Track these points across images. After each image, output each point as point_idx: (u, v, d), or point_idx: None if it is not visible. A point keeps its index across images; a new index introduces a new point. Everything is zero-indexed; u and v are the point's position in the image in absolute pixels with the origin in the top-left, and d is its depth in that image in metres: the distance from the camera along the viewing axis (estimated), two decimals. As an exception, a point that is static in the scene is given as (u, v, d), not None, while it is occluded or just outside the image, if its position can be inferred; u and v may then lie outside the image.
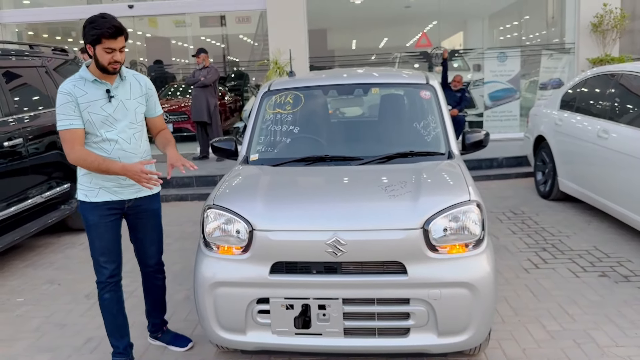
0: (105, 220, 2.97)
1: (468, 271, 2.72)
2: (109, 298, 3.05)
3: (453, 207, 2.77)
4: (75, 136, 2.81)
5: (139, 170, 2.78)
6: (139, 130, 3.00)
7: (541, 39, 12.59)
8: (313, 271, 2.76)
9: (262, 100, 3.90)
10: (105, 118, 2.86)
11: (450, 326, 2.73)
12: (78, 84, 2.85)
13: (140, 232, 3.15)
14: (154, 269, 3.29)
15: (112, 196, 2.96)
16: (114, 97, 2.89)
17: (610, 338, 3.30)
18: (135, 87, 2.99)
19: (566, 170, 6.01)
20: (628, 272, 4.27)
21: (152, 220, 3.16)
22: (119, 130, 2.90)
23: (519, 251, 4.86)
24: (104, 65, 2.80)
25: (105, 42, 2.74)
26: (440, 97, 3.76)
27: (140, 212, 3.09)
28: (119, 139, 2.90)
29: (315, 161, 3.45)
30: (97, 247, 2.99)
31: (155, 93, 3.14)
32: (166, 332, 3.45)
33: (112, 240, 3.00)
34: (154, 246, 3.22)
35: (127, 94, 2.95)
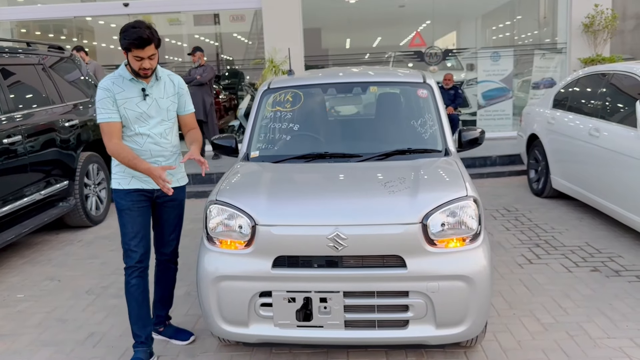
0: (137, 206, 3.14)
1: (465, 264, 2.80)
2: (136, 284, 3.15)
3: (451, 202, 2.85)
4: (113, 129, 3.02)
5: (158, 176, 2.97)
6: (170, 126, 3.18)
7: (533, 38, 12.72)
8: (314, 265, 2.83)
9: (262, 98, 3.96)
10: (140, 115, 3.07)
11: (448, 318, 2.81)
12: (117, 81, 3.05)
13: (162, 219, 3.30)
14: (169, 258, 3.41)
15: (142, 184, 3.14)
16: (149, 96, 3.08)
17: (602, 330, 3.40)
18: (169, 86, 3.17)
19: (559, 168, 6.11)
20: (619, 267, 4.37)
21: (176, 210, 3.32)
22: (151, 126, 3.10)
23: (513, 247, 4.95)
24: (135, 70, 3.01)
25: (135, 51, 2.93)
26: (437, 95, 3.84)
27: (166, 201, 3.24)
28: (150, 133, 3.10)
29: (315, 158, 3.52)
30: (128, 231, 3.13)
31: (187, 92, 3.29)
32: (168, 326, 3.52)
33: (142, 224, 3.16)
34: (174, 234, 3.36)
35: (161, 93, 3.13)
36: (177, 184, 3.27)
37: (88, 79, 6.81)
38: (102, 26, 12.11)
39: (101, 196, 6.45)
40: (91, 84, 6.83)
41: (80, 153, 6.01)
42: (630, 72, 5.07)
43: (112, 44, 13.13)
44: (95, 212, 6.26)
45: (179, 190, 3.30)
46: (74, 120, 5.98)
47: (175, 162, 3.24)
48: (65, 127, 5.81)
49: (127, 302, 3.19)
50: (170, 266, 3.44)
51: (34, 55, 5.89)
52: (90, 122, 6.31)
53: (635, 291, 3.92)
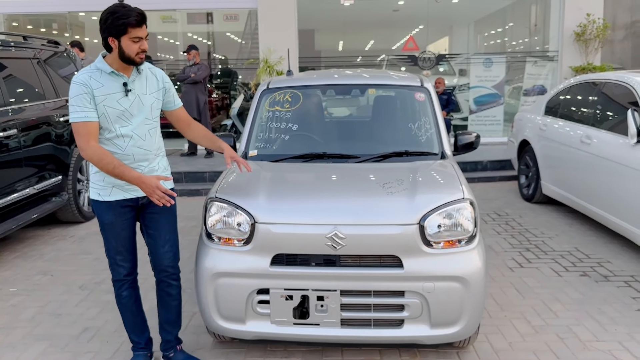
0: (121, 219, 2.87)
1: (461, 266, 2.85)
2: (127, 295, 3.01)
3: (447, 204, 2.90)
4: (90, 130, 2.67)
5: (155, 185, 2.67)
6: (154, 126, 2.88)
7: (525, 46, 12.87)
8: (312, 263, 2.86)
9: (260, 98, 3.99)
10: (122, 113, 2.74)
11: (443, 318, 2.86)
12: (94, 75, 2.71)
13: (152, 229, 2.95)
14: (168, 273, 3.01)
15: (125, 194, 2.83)
16: (131, 91, 2.76)
17: (592, 333, 3.46)
18: (151, 81, 2.87)
19: (549, 174, 6.20)
20: (607, 272, 4.45)
21: (165, 216, 2.95)
22: (134, 126, 2.78)
23: (503, 251, 5.02)
24: (130, 56, 2.69)
25: (132, 31, 2.64)
26: (434, 99, 3.89)
27: (154, 207, 2.90)
28: (133, 134, 2.78)
29: (313, 158, 3.56)
30: (112, 246, 2.91)
31: (172, 86, 3.00)
32: (180, 351, 3.17)
33: (127, 238, 2.92)
34: (168, 245, 2.97)
35: (143, 88, 2.82)
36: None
37: (83, 75, 6.78)
38: (94, 22, 12.05)
39: (94, 192, 6.42)
40: (86, 79, 6.80)
41: (74, 148, 5.99)
42: (621, 81, 5.17)
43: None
44: (87, 208, 6.24)
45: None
46: (68, 116, 5.95)
47: (159, 165, 2.93)
48: (60, 122, 5.80)
49: (121, 312, 3.07)
50: (171, 284, 3.04)
51: (30, 49, 5.87)
52: (85, 118, 6.28)
53: (623, 296, 4.00)
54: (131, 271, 3.00)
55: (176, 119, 3.07)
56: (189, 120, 3.12)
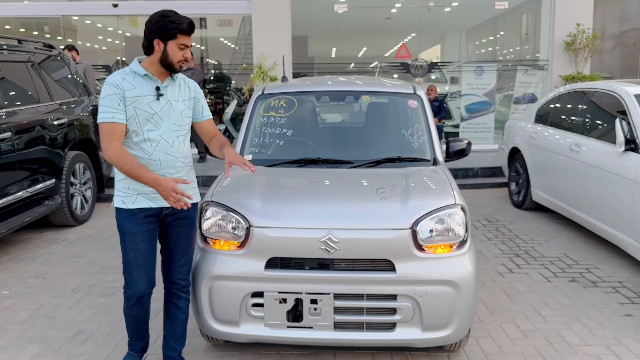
0: (143, 229, 2.78)
1: (452, 270, 2.90)
2: (137, 313, 2.93)
3: (439, 209, 2.95)
4: (115, 130, 2.66)
5: (171, 188, 2.58)
6: (183, 134, 2.84)
7: (516, 55, 13.01)
8: (306, 267, 2.90)
9: (255, 103, 4.03)
10: (151, 116, 2.72)
11: (434, 321, 2.91)
12: (127, 77, 2.72)
13: (172, 242, 2.92)
14: (179, 286, 2.98)
15: (150, 203, 2.77)
16: (163, 96, 2.76)
17: (580, 338, 3.53)
18: (184, 89, 2.88)
19: (539, 181, 6.28)
20: (596, 278, 4.52)
21: (187, 230, 2.93)
22: (163, 131, 2.75)
23: (494, 256, 5.08)
24: (173, 61, 2.71)
25: (181, 37, 2.67)
26: (427, 106, 3.96)
27: (176, 220, 2.88)
28: (161, 139, 2.75)
29: (307, 163, 3.60)
30: (130, 259, 2.80)
31: (204, 97, 3.00)
32: None
33: (147, 252, 2.81)
34: (183, 258, 2.95)
35: (175, 94, 2.82)
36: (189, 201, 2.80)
37: (77, 78, 6.81)
38: (87, 26, 12.05)
39: (86, 195, 6.44)
40: (79, 83, 6.83)
41: (68, 152, 6.00)
42: (610, 91, 5.26)
43: (96, 44, 13.07)
44: (80, 212, 6.25)
45: (191, 208, 2.87)
46: (62, 119, 5.97)
47: (187, 177, 2.88)
48: (54, 125, 5.81)
49: (126, 320, 2.99)
50: (181, 296, 2.99)
51: (24, 53, 5.88)
52: (77, 122, 6.31)
53: (610, 301, 4.07)
54: (145, 292, 2.86)
55: (203, 130, 3.03)
56: (216, 132, 3.06)
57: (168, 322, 3.05)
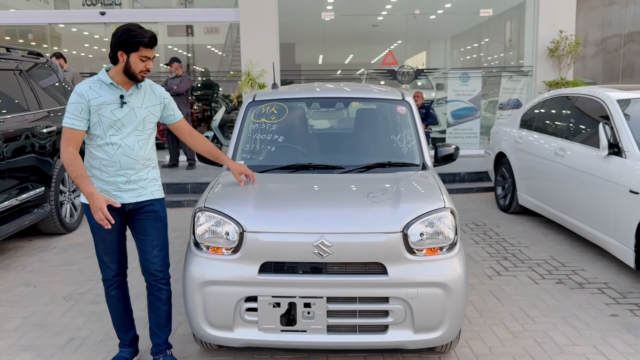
0: None
1: (442, 272, 2.95)
2: (115, 295, 3.19)
3: (429, 213, 3.01)
4: (73, 136, 2.90)
5: (99, 206, 2.82)
6: (144, 138, 3.04)
7: (500, 61, 13.21)
8: (299, 271, 2.94)
9: (246, 110, 4.08)
10: (114, 122, 2.94)
11: (426, 323, 2.96)
12: (94, 86, 2.93)
13: (141, 234, 3.11)
14: (157, 278, 3.14)
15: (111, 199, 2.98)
16: (126, 104, 2.96)
17: (567, 338, 3.60)
18: (149, 96, 3.06)
19: (525, 185, 6.39)
20: (582, 280, 4.61)
21: (154, 224, 3.10)
22: (124, 136, 2.96)
23: (482, 259, 5.16)
24: (134, 72, 2.91)
25: (143, 50, 2.88)
26: (415, 112, 4.03)
27: (141, 214, 3.08)
28: (122, 144, 2.95)
29: (299, 169, 3.65)
30: (100, 248, 3.11)
31: (172, 100, 3.21)
32: (169, 356, 3.24)
33: (114, 242, 3.09)
34: (156, 250, 3.10)
35: (139, 102, 3.01)
36: (150, 196, 3.08)
37: (65, 86, 6.80)
38: (73, 33, 12.03)
39: (76, 203, 6.42)
40: (68, 91, 6.81)
41: (57, 160, 5.98)
42: (593, 96, 5.38)
43: (82, 52, 13.04)
44: (69, 220, 6.23)
45: (155, 203, 3.10)
46: (51, 127, 5.96)
47: (147, 176, 3.07)
48: (43, 133, 5.80)
49: (109, 310, 3.26)
50: (161, 288, 3.16)
51: (12, 61, 5.87)
52: (67, 129, 6.29)
53: (597, 302, 4.15)
54: (118, 273, 3.17)
55: (179, 130, 3.30)
56: (191, 130, 3.33)
57: (152, 313, 3.23)
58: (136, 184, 3.03)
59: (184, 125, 3.29)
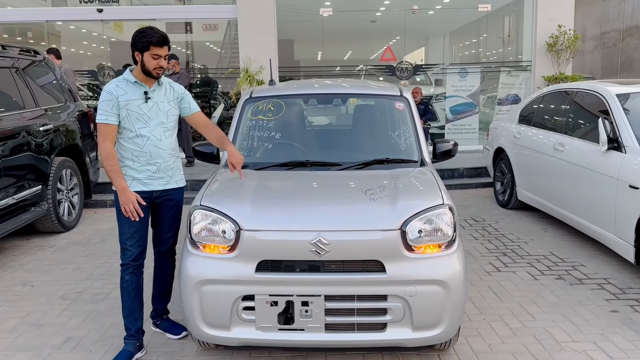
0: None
1: (441, 269, 2.93)
2: (129, 280, 3.33)
3: (428, 210, 2.99)
4: (108, 131, 3.19)
5: (130, 201, 3.17)
6: (169, 129, 3.36)
7: (499, 56, 13.16)
8: (297, 269, 2.91)
9: (243, 107, 4.05)
10: (141, 116, 3.24)
11: (424, 321, 2.93)
12: (120, 84, 3.25)
13: (160, 219, 3.47)
14: (166, 254, 3.57)
15: (142, 187, 3.30)
16: (150, 99, 3.27)
17: (567, 334, 3.58)
18: (169, 92, 3.38)
19: (524, 180, 6.36)
20: (582, 276, 4.59)
21: (173, 210, 3.49)
22: (151, 128, 3.27)
23: (481, 255, 5.14)
24: (149, 70, 3.20)
25: (153, 49, 3.16)
26: (413, 108, 4.00)
27: (165, 202, 3.42)
28: (150, 135, 3.26)
29: (296, 166, 3.62)
30: (125, 231, 3.29)
31: (189, 94, 3.49)
32: (165, 320, 3.68)
33: (139, 226, 3.29)
34: (170, 232, 3.52)
35: (162, 97, 3.33)
36: (174, 185, 3.44)
37: (62, 84, 6.76)
38: (71, 31, 11.97)
39: (73, 202, 6.39)
40: (65, 88, 6.78)
41: (54, 158, 5.95)
42: (592, 91, 5.35)
43: (80, 49, 12.98)
44: (67, 218, 6.20)
45: (177, 191, 3.48)
46: (48, 125, 5.93)
47: (174, 164, 3.40)
48: (40, 131, 5.77)
49: (121, 296, 3.37)
50: (167, 262, 3.59)
51: (8, 59, 5.83)
52: (63, 128, 6.27)
53: (597, 298, 4.13)
54: (138, 257, 3.34)
55: (194, 122, 3.55)
56: (206, 122, 3.56)
57: (157, 282, 3.62)
58: (165, 172, 3.36)
59: (200, 118, 3.53)
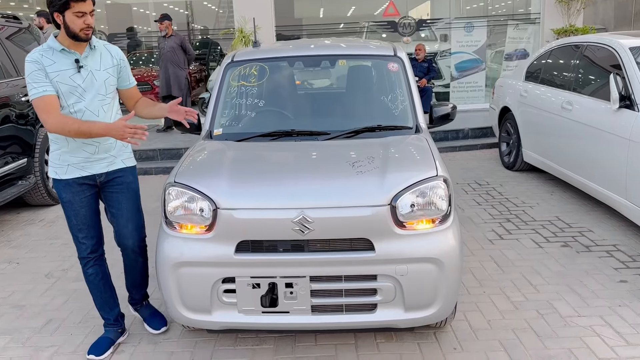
0: (80, 197, 2.90)
1: (435, 246, 2.71)
2: (94, 273, 3.05)
3: (420, 182, 2.74)
4: (50, 102, 2.69)
5: (122, 125, 2.66)
6: (108, 102, 2.87)
7: (507, 9, 12.62)
8: (280, 249, 2.71)
9: (225, 72, 3.77)
10: (74, 89, 2.75)
11: (417, 301, 2.74)
12: (46, 53, 2.73)
13: (114, 208, 3.02)
14: (133, 251, 3.11)
15: (80, 172, 2.87)
16: (83, 68, 2.77)
17: (572, 308, 3.38)
18: (106, 57, 2.88)
19: (530, 141, 6.07)
20: (589, 242, 4.37)
21: (126, 194, 3.01)
22: (87, 102, 2.78)
23: (483, 222, 4.92)
24: (75, 32, 2.68)
25: (75, 5, 2.63)
26: (408, 69, 3.70)
27: (113, 186, 2.98)
28: (86, 110, 2.78)
29: (281, 136, 3.37)
30: (73, 223, 2.95)
31: (128, 64, 3.03)
32: (146, 306, 3.36)
33: (88, 216, 2.95)
34: (131, 224, 3.04)
35: (97, 64, 2.83)
36: (121, 164, 2.99)
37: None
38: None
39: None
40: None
41: (40, 128, 5.74)
42: (604, 44, 5.00)
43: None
44: (57, 190, 6.02)
45: (125, 171, 3.01)
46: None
47: (116, 143, 2.95)
48: (22, 101, 5.53)
49: (89, 290, 3.11)
50: (137, 259, 3.16)
51: (-14, 25, 5.55)
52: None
53: (605, 267, 3.91)
54: (95, 249, 3.02)
55: (128, 96, 3.07)
56: (140, 96, 3.13)
57: (128, 276, 3.24)
58: (106, 152, 2.91)
59: (135, 93, 3.09)
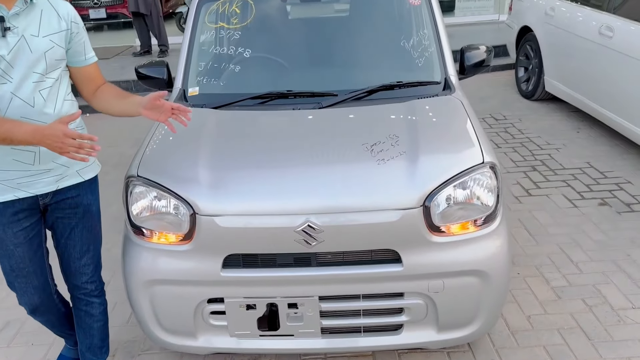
0: (13, 230, 1.99)
1: (479, 255, 2.12)
2: (45, 320, 2.31)
3: (462, 174, 2.09)
4: None
5: (61, 133, 1.74)
6: (49, 84, 1.90)
7: None
8: (279, 265, 2.10)
9: (198, 10, 2.93)
10: None
11: (454, 320, 2.19)
12: None
13: (63, 238, 2.15)
14: (87, 290, 2.26)
15: (16, 192, 1.95)
16: (11, 30, 1.81)
17: (624, 296, 2.86)
18: (49, 17, 1.90)
19: (554, 68, 5.32)
20: (630, 199, 3.80)
21: (82, 221, 2.13)
22: (16, 85, 1.83)
23: (506, 171, 4.31)
24: None
25: None
26: (434, 2, 2.90)
27: (64, 209, 2.09)
28: (14, 97, 1.83)
29: (273, 98, 2.63)
30: (7, 268, 2.07)
31: (84, 29, 2.04)
32: None
33: (26, 256, 2.04)
34: (85, 257, 2.19)
35: (34, 27, 1.87)
36: (77, 178, 2.07)
37: None
38: None
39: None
40: None
41: None
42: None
43: None
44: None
45: (81, 188, 2.10)
46: None
47: None
48: None
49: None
50: (92, 302, 2.29)
51: None
52: None
53: (653, 234, 3.38)
54: (37, 301, 2.16)
55: (86, 78, 2.07)
56: (102, 81, 2.13)
57: (81, 333, 2.35)
58: (52, 161, 1.97)
59: (95, 74, 2.09)
